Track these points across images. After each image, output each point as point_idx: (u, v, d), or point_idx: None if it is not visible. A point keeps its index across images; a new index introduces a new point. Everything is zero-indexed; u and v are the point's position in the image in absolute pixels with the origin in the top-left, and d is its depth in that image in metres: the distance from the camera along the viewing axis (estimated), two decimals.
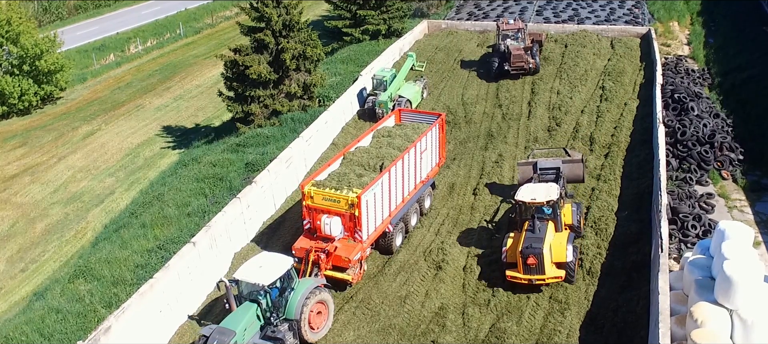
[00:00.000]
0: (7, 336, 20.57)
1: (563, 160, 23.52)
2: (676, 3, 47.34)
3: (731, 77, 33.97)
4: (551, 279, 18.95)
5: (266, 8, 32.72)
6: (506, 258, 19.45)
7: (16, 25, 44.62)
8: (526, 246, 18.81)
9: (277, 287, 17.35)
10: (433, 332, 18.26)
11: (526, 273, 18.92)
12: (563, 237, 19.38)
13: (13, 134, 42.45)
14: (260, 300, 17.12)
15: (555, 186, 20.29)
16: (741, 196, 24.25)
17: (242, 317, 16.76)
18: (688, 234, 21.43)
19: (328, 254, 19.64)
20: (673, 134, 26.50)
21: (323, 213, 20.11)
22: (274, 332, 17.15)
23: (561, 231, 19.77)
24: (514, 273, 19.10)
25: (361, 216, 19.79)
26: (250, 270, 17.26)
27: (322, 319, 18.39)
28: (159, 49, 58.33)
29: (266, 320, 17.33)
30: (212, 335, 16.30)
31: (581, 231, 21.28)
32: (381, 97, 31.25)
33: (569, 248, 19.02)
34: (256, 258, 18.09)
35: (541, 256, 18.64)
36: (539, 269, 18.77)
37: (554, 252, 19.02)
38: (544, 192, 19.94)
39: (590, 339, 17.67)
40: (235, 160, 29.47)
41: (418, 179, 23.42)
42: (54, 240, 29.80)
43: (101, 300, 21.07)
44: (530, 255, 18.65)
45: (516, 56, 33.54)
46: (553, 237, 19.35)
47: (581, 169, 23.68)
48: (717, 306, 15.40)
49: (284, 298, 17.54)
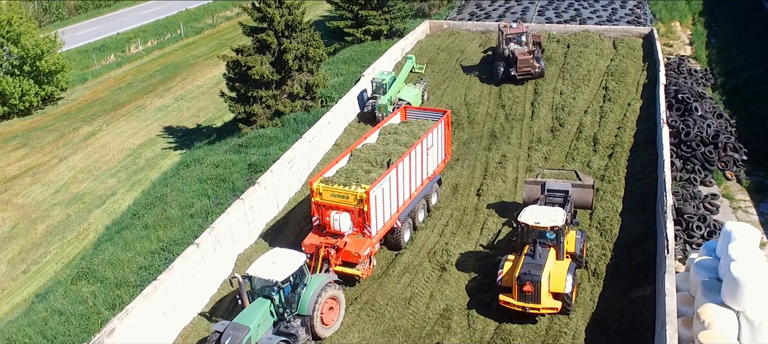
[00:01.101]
0: (10, 337, 20.50)
1: (573, 183, 22.23)
2: (677, 3, 47.32)
3: (734, 77, 33.95)
4: (546, 310, 17.90)
5: (269, 8, 32.64)
6: (501, 281, 18.39)
7: (16, 26, 44.50)
8: (523, 272, 17.77)
9: (290, 283, 17.40)
10: (438, 334, 18.19)
11: (520, 300, 17.85)
12: (564, 267, 18.31)
13: (13, 135, 42.35)
14: (273, 296, 17.18)
15: (561, 212, 19.09)
16: (745, 197, 24.21)
17: (256, 313, 16.80)
18: (693, 235, 21.40)
19: (338, 250, 19.80)
20: (677, 134, 26.46)
21: (332, 209, 20.24)
22: (287, 328, 17.26)
23: (562, 259, 18.66)
24: (508, 299, 18.05)
25: (369, 212, 19.93)
26: (264, 267, 17.30)
27: (334, 315, 18.49)
28: (159, 49, 58.23)
29: (279, 316, 17.40)
30: (226, 331, 16.34)
31: (583, 261, 20.12)
32: (381, 101, 31.13)
33: (569, 278, 17.95)
34: (268, 254, 18.14)
35: (539, 284, 17.58)
36: (535, 298, 17.69)
37: (553, 282, 17.95)
38: (549, 217, 18.71)
39: (596, 340, 17.61)
40: (238, 161, 29.40)
41: (425, 175, 23.55)
42: (55, 242, 29.71)
43: (104, 302, 21.00)
44: (527, 282, 17.60)
45: (522, 61, 33.28)
46: (553, 265, 18.29)
47: (591, 195, 22.21)
48: (724, 307, 15.38)
49: (297, 294, 17.63)
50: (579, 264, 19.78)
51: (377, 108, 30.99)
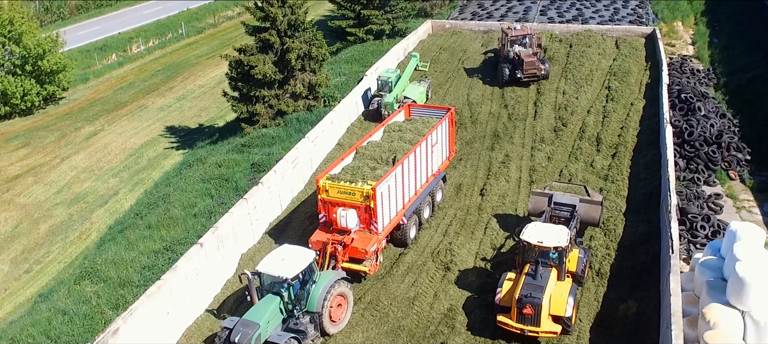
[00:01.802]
0: (14, 337, 20.47)
1: (582, 198, 21.30)
2: (679, 3, 47.28)
3: (736, 77, 33.90)
4: (545, 333, 17.22)
5: (271, 8, 32.61)
6: (500, 301, 17.68)
7: (18, 25, 44.50)
8: (524, 294, 17.03)
9: (299, 280, 17.41)
10: (442, 334, 18.16)
11: (519, 321, 17.16)
12: (565, 288, 17.58)
13: (15, 134, 42.33)
14: (283, 292, 17.20)
15: (565, 231, 18.17)
16: (749, 197, 24.17)
17: (266, 310, 16.83)
18: (697, 234, 21.36)
19: (345, 246, 19.87)
20: (681, 134, 26.44)
21: (339, 206, 20.32)
22: (296, 324, 17.30)
23: (563, 279, 17.93)
24: (507, 320, 17.37)
25: (376, 208, 20.01)
26: (273, 263, 17.33)
27: (342, 312, 18.54)
28: (161, 49, 58.23)
29: (288, 313, 17.42)
30: (236, 327, 16.36)
31: (584, 280, 19.36)
32: (387, 99, 31.22)
33: (569, 301, 17.21)
34: (278, 250, 18.16)
35: (539, 307, 16.88)
36: (535, 321, 17.00)
37: (553, 305, 17.21)
38: (553, 236, 17.83)
39: (601, 340, 17.58)
40: (241, 161, 29.38)
41: (430, 172, 23.64)
42: (58, 241, 29.68)
43: (108, 302, 20.98)
44: (527, 305, 16.90)
45: (528, 63, 33.10)
46: (554, 287, 17.55)
47: (598, 212, 21.18)
48: (729, 307, 15.34)
49: (306, 291, 17.65)
50: (580, 283, 19.15)
51: (383, 105, 31.08)
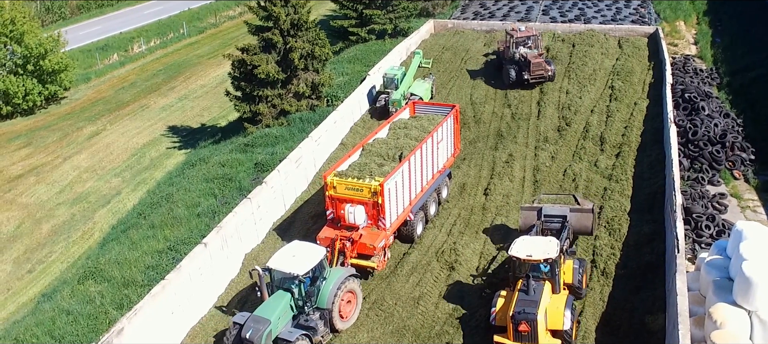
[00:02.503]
0: (18, 337, 20.44)
1: (571, 208, 20.85)
2: (682, 2, 47.25)
3: (740, 77, 33.87)
4: None
5: (274, 7, 32.57)
6: (495, 320, 17.09)
7: (20, 25, 44.49)
8: (517, 311, 16.38)
9: (310, 276, 17.40)
10: (447, 334, 18.12)
11: (516, 340, 16.50)
12: (561, 301, 16.94)
13: (17, 134, 42.31)
14: (293, 289, 17.19)
15: (555, 242, 17.60)
16: (753, 196, 24.14)
17: (276, 306, 16.83)
18: (701, 234, 21.34)
19: (353, 242, 19.90)
20: (684, 134, 26.40)
21: (347, 202, 20.41)
22: (306, 321, 17.31)
23: (558, 292, 17.30)
24: (503, 340, 16.69)
25: (384, 204, 20.08)
26: (284, 260, 17.33)
27: (352, 308, 18.56)
28: (162, 48, 58.21)
29: (299, 309, 17.41)
30: (247, 323, 16.36)
31: (582, 292, 18.78)
32: (394, 95, 31.31)
33: (567, 314, 16.59)
34: (288, 247, 18.17)
35: (535, 323, 16.23)
36: (532, 337, 16.37)
37: (550, 319, 16.58)
38: (541, 249, 17.25)
39: (606, 340, 17.54)
40: (244, 160, 29.36)
41: (436, 169, 23.73)
42: (61, 241, 29.65)
43: (112, 302, 20.94)
44: (522, 322, 16.24)
45: (536, 65, 32.84)
46: (549, 301, 16.92)
47: (591, 220, 20.74)
48: (736, 307, 15.30)
49: (316, 287, 17.65)
50: (578, 295, 18.56)
51: (391, 102, 31.16)
